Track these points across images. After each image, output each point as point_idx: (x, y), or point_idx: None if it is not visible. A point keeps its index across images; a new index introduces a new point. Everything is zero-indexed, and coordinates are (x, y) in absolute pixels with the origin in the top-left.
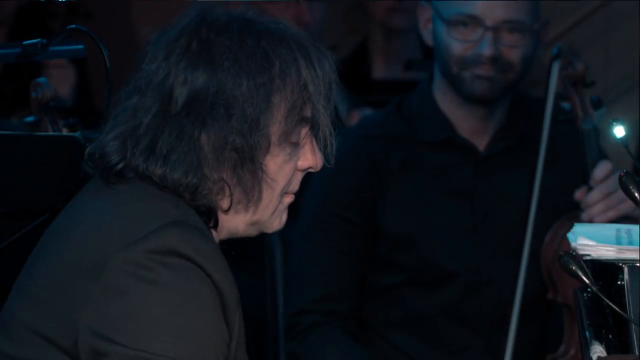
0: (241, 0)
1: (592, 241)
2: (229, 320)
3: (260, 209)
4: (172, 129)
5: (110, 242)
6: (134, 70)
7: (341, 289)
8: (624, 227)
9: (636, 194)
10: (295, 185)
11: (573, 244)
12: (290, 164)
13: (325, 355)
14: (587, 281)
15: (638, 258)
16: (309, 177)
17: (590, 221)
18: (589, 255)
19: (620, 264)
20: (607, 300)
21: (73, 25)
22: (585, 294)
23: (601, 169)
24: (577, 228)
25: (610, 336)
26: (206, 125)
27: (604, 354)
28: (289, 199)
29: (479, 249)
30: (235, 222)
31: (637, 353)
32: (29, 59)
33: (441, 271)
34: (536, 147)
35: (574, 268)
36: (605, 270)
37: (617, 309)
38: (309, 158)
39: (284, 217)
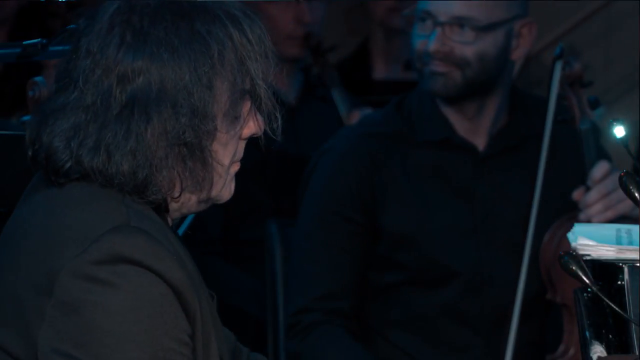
0: (241, 0)
1: (592, 241)
2: (188, 312)
3: (212, 190)
4: (117, 128)
5: (58, 254)
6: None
7: (342, 288)
8: (624, 227)
9: (636, 194)
10: (240, 154)
11: (573, 244)
12: (235, 138)
13: (326, 354)
14: (587, 281)
15: (638, 258)
16: (310, 176)
17: (589, 221)
18: (589, 255)
19: (620, 264)
20: (607, 300)
21: (73, 25)
22: (585, 294)
23: (599, 169)
24: (577, 228)
25: (610, 336)
26: (152, 123)
27: (604, 354)
28: (235, 167)
29: (480, 249)
30: (185, 205)
31: (637, 353)
32: (29, 59)
33: (442, 270)
34: (537, 147)
35: (574, 268)
36: (605, 270)
37: (617, 309)
38: (251, 126)
39: (232, 186)
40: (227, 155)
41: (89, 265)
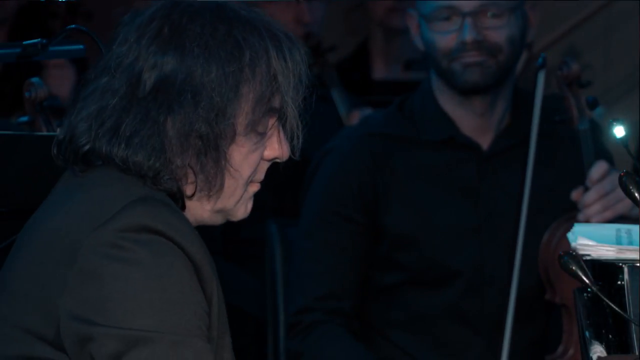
0: (241, 0)
1: (592, 241)
2: (205, 290)
3: (223, 198)
4: (137, 112)
5: (80, 227)
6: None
7: (343, 288)
8: (624, 227)
9: (636, 194)
10: (260, 175)
11: (573, 244)
12: (256, 154)
13: (327, 353)
14: (587, 281)
15: (638, 258)
16: (312, 176)
17: (587, 222)
18: (589, 255)
19: (620, 264)
20: (607, 300)
21: (73, 25)
22: (585, 294)
23: (597, 170)
24: (577, 228)
25: (610, 336)
26: (172, 111)
27: (604, 354)
28: (254, 187)
29: (483, 248)
30: (200, 210)
31: (637, 353)
32: (29, 59)
33: (443, 270)
34: (537, 146)
35: (574, 268)
36: (605, 270)
37: (617, 309)
38: (276, 148)
39: (249, 206)
40: (245, 166)
41: (111, 233)
